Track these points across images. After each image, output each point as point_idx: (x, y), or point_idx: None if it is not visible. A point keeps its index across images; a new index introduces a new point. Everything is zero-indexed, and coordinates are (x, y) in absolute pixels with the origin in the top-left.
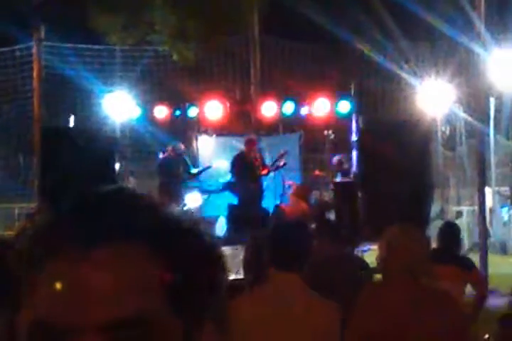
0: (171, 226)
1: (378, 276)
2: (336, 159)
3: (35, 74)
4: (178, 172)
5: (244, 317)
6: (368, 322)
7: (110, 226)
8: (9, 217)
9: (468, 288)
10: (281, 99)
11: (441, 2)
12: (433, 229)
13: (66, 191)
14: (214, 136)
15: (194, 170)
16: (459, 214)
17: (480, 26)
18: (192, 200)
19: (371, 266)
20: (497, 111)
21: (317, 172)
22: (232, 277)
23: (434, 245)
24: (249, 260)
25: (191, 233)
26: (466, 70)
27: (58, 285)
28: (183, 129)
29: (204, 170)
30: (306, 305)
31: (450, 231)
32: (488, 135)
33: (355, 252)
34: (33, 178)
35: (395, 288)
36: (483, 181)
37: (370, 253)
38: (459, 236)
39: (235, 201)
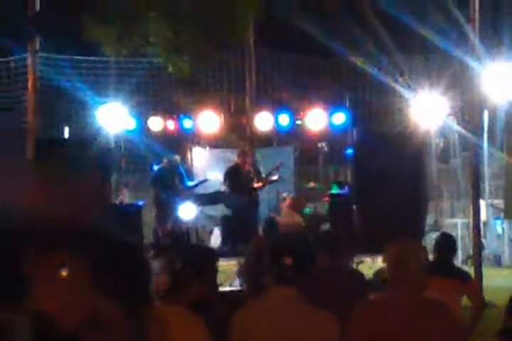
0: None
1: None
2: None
3: (29, 85)
4: (173, 185)
5: (244, 330)
6: (367, 334)
7: None
8: None
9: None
10: (276, 111)
11: (436, 15)
12: (427, 241)
13: None
14: (208, 148)
15: (190, 183)
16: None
17: (474, 39)
18: (186, 212)
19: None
20: (491, 123)
21: (312, 184)
22: (227, 289)
23: (429, 257)
24: (250, 269)
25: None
26: (460, 83)
27: None
28: (178, 141)
29: (200, 183)
30: (304, 318)
31: (446, 243)
32: (482, 147)
33: (351, 264)
34: None
35: (393, 301)
36: (477, 194)
37: (364, 266)
38: (455, 248)
39: (229, 213)
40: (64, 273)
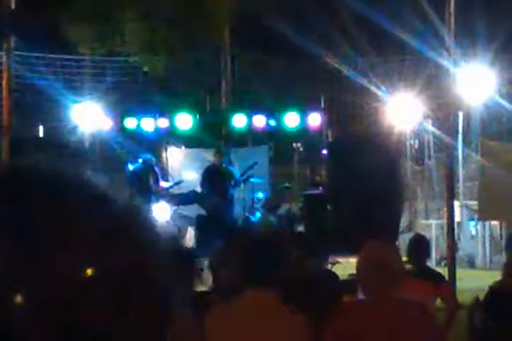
0: None
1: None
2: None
3: (4, 83)
4: (148, 184)
5: (214, 330)
6: (345, 338)
7: None
8: None
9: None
10: (252, 111)
11: (411, 17)
12: (401, 242)
13: None
14: (183, 147)
15: (165, 184)
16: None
17: (449, 41)
18: (160, 211)
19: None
20: (466, 125)
21: (286, 184)
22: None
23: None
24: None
25: None
26: (435, 85)
27: None
28: (153, 140)
29: (175, 184)
30: (275, 320)
31: (419, 245)
32: (457, 149)
33: (324, 265)
34: None
35: (374, 303)
36: (451, 195)
37: (339, 266)
38: (428, 250)
39: (203, 212)
40: None
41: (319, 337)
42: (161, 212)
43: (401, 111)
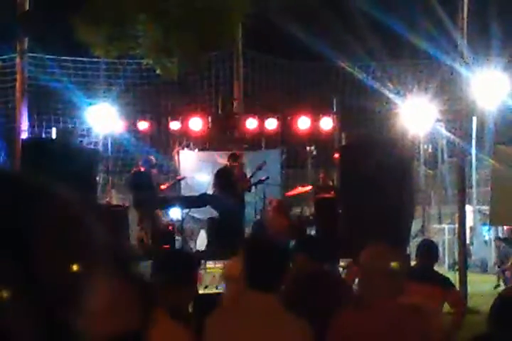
0: None
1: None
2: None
3: (18, 85)
4: (151, 186)
5: (214, 332)
6: None
7: None
8: None
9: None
10: (264, 114)
11: (425, 22)
12: (413, 247)
13: None
14: (196, 150)
15: (164, 185)
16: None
17: (463, 46)
18: (174, 213)
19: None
20: (480, 130)
21: (299, 187)
22: (212, 291)
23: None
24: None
25: None
26: (449, 89)
27: None
28: (166, 143)
29: (176, 182)
30: (276, 324)
31: (428, 249)
32: (471, 154)
33: (336, 268)
34: None
35: (371, 311)
36: (463, 200)
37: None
38: (436, 254)
39: (215, 215)
40: None
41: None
42: (173, 215)
43: (414, 115)
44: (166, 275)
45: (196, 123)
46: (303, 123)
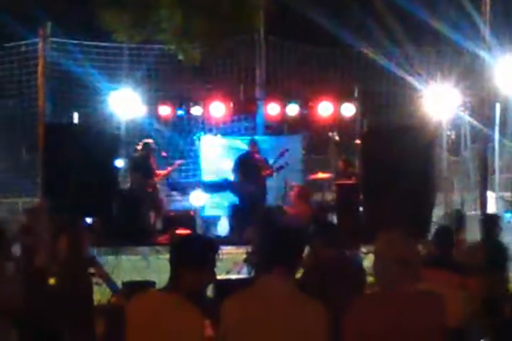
0: None
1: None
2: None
3: (39, 70)
4: (153, 170)
5: (233, 318)
6: (361, 330)
7: None
8: (13, 212)
9: None
10: (286, 100)
11: (447, 7)
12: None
13: (67, 187)
14: (219, 135)
15: (166, 170)
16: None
17: (485, 31)
18: (195, 199)
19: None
20: (503, 116)
21: (320, 173)
22: (233, 276)
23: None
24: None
25: None
26: (472, 75)
27: None
28: (188, 128)
29: (176, 167)
30: (293, 308)
31: (445, 236)
32: (494, 140)
33: (356, 255)
34: (37, 173)
35: (386, 298)
36: (485, 186)
37: (370, 256)
38: (453, 241)
39: (237, 201)
40: None
41: (337, 325)
42: (197, 200)
43: (437, 102)
44: (185, 258)
45: (218, 109)
46: (325, 109)
